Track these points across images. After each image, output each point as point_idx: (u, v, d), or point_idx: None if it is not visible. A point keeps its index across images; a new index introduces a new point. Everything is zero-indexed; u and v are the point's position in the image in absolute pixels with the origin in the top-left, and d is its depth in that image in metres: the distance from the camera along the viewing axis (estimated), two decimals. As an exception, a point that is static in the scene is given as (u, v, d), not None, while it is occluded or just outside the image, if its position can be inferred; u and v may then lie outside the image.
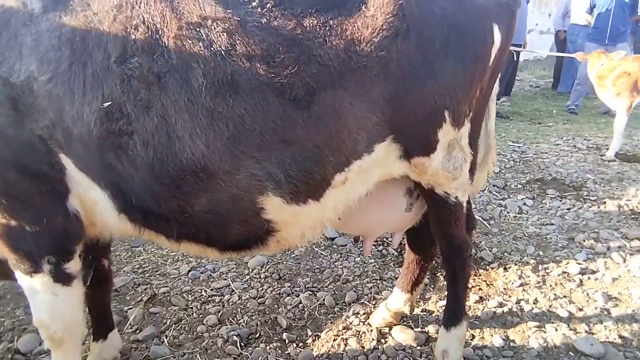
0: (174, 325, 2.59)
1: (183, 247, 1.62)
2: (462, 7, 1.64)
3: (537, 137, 6.61)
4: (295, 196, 1.51)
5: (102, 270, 2.05)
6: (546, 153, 5.83)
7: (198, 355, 2.37)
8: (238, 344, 2.44)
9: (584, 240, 3.57)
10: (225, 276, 3.06)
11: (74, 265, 1.68)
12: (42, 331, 1.77)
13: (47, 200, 1.53)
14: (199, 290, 2.91)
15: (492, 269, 3.20)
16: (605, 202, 4.31)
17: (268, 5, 1.45)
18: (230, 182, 1.42)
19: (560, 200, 4.38)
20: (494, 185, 4.70)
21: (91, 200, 1.56)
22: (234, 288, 2.92)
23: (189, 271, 3.09)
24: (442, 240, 2.09)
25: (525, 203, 4.30)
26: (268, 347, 2.43)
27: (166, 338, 2.49)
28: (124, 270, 3.10)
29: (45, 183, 1.51)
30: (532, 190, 4.64)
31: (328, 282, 3.03)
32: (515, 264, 3.24)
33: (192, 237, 1.57)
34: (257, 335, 2.53)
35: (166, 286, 2.95)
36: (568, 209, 4.17)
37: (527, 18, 7.97)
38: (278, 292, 2.89)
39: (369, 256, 3.26)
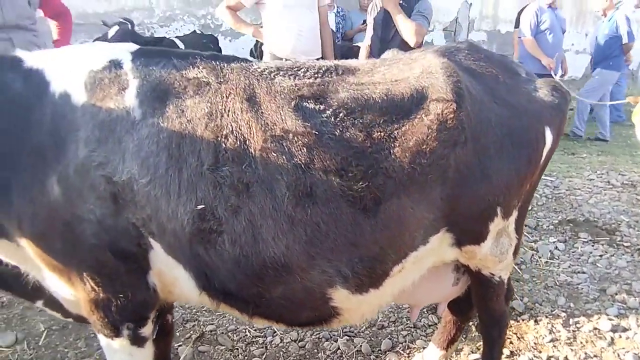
0: (222, 366, 2.77)
1: (255, 321, 1.80)
2: (516, 113, 1.77)
3: (570, 171, 6.62)
4: (359, 288, 1.67)
5: (166, 325, 2.24)
6: (579, 189, 5.85)
7: (245, 399, 2.55)
8: (282, 389, 2.61)
9: (616, 293, 3.63)
10: (268, 315, 3.23)
11: (148, 329, 1.87)
12: (118, 385, 1.96)
13: (133, 276, 1.71)
14: (244, 330, 3.08)
15: (523, 320, 3.30)
16: (639, 250, 4.34)
17: (341, 114, 1.61)
18: (305, 277, 1.59)
19: (593, 245, 4.42)
20: (526, 225, 4.77)
21: (172, 277, 1.74)
22: (275, 330, 3.08)
23: (233, 308, 3.27)
24: (483, 312, 2.22)
25: (557, 247, 4.37)
26: (310, 394, 2.59)
27: (215, 379, 2.67)
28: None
29: (133, 262, 1.69)
30: (564, 232, 4.69)
31: (364, 328, 3.17)
32: (546, 317, 3.32)
33: (266, 316, 1.74)
34: (300, 381, 2.69)
35: (212, 324, 3.13)
36: (600, 256, 4.22)
37: (562, 46, 7.95)
38: (317, 336, 3.05)
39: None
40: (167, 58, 1.72)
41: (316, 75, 1.69)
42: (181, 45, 5.79)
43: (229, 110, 1.60)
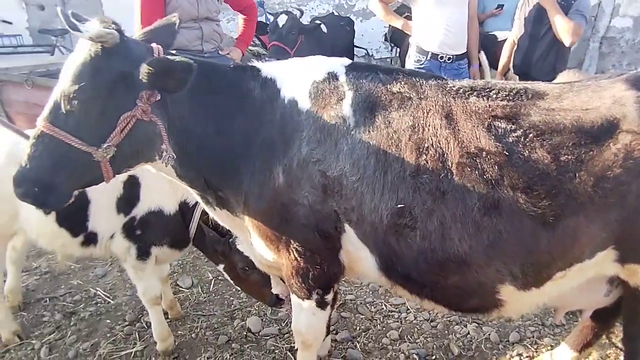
0: (363, 333, 3.15)
1: (423, 303, 2.10)
2: None
3: None
4: (524, 286, 1.89)
5: (335, 294, 2.62)
6: None
7: (385, 365, 2.90)
8: (417, 362, 2.92)
9: None
10: (400, 293, 3.54)
11: (330, 296, 2.26)
12: (298, 336, 2.38)
13: (329, 253, 2.08)
14: (380, 304, 3.43)
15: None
16: None
17: (530, 135, 1.79)
18: (481, 273, 1.85)
19: None
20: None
21: (357, 257, 2.08)
22: (409, 307, 3.39)
23: (369, 283, 3.63)
24: (630, 324, 2.31)
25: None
26: (442, 370, 2.88)
27: (358, 344, 3.05)
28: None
29: (330, 241, 2.05)
30: None
31: (485, 318, 3.36)
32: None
33: (436, 299, 2.04)
34: (433, 357, 2.98)
35: (352, 294, 3.52)
36: None
37: None
38: (448, 319, 3.31)
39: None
40: (374, 72, 2.02)
41: (508, 97, 1.88)
42: (324, 29, 6.15)
43: (429, 126, 1.86)
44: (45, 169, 1.79)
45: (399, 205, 1.83)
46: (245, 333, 3.12)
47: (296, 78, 2.04)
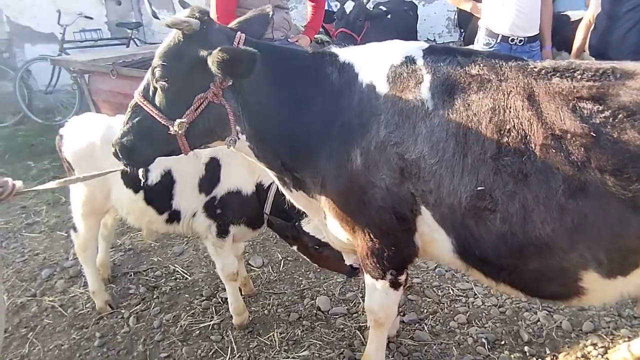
0: (430, 316, 3.18)
1: (499, 287, 2.11)
2: None
3: None
4: (609, 273, 1.84)
5: (407, 274, 2.67)
6: None
7: (453, 348, 2.92)
8: (485, 346, 2.92)
9: None
10: (467, 279, 3.53)
11: (403, 277, 2.31)
12: (370, 315, 2.45)
13: (404, 234, 2.12)
14: (447, 288, 3.45)
15: None
16: None
17: (620, 116, 1.74)
18: (563, 258, 1.82)
19: None
20: None
21: (432, 239, 2.11)
22: (476, 292, 3.38)
23: (436, 267, 3.65)
24: None
25: None
26: (512, 356, 2.86)
27: (426, 326, 3.09)
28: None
29: (406, 223, 2.09)
30: None
31: (564, 306, 3.29)
32: None
33: (513, 284, 2.03)
34: (502, 343, 2.97)
35: (418, 277, 3.56)
36: None
37: None
38: (517, 305, 3.27)
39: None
40: (452, 55, 2.02)
41: (594, 78, 1.83)
42: (388, 15, 6.13)
43: (510, 107, 1.85)
44: (134, 134, 2.07)
45: (479, 188, 1.84)
46: (315, 311, 3.24)
47: (374, 62, 2.09)
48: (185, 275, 3.66)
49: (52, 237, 4.27)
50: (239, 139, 2.11)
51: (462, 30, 7.93)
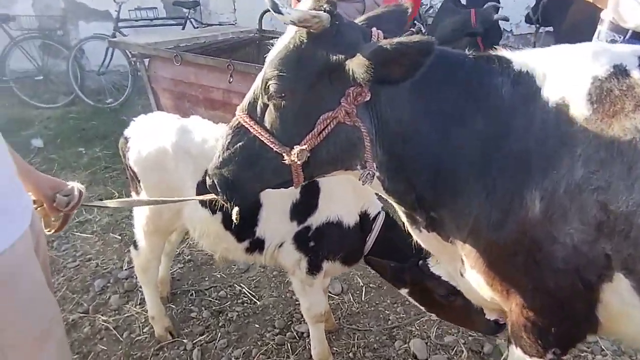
0: None
1: None
2: None
3: None
4: None
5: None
6: None
7: None
8: None
9: None
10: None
11: (565, 357, 1.74)
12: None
13: (584, 305, 1.56)
14: None
15: None
16: None
17: None
18: None
19: None
20: None
21: (623, 312, 1.53)
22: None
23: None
24: None
25: None
26: None
27: None
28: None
29: (588, 292, 1.52)
30: None
31: None
32: None
33: None
34: None
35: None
36: None
37: None
38: None
39: None
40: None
41: None
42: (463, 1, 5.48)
43: None
44: (237, 163, 1.61)
45: None
46: (409, 359, 2.71)
47: (567, 73, 1.50)
48: (254, 300, 3.19)
49: (104, 240, 3.88)
50: (377, 171, 1.58)
51: (537, 26, 6.91)
